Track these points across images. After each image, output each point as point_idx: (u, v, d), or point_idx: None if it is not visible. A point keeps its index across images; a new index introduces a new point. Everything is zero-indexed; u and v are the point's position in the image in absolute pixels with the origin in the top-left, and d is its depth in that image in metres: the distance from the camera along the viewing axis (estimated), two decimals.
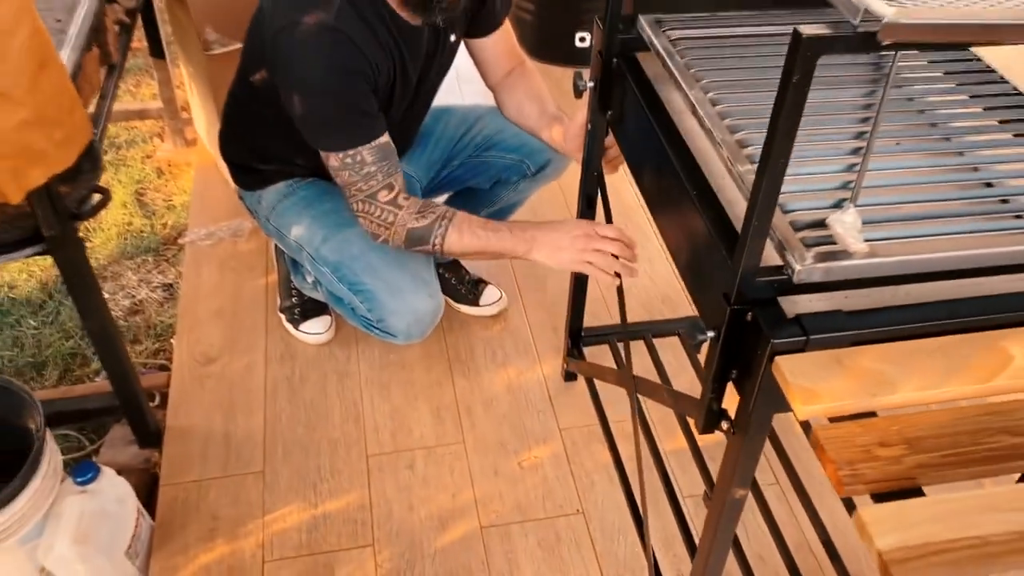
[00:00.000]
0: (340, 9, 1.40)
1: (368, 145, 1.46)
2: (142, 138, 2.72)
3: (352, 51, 1.41)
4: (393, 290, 1.63)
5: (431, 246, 1.52)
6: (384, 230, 1.53)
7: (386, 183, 1.50)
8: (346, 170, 1.48)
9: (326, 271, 1.68)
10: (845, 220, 0.89)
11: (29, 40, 1.17)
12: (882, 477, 0.76)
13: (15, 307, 2.14)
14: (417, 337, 1.70)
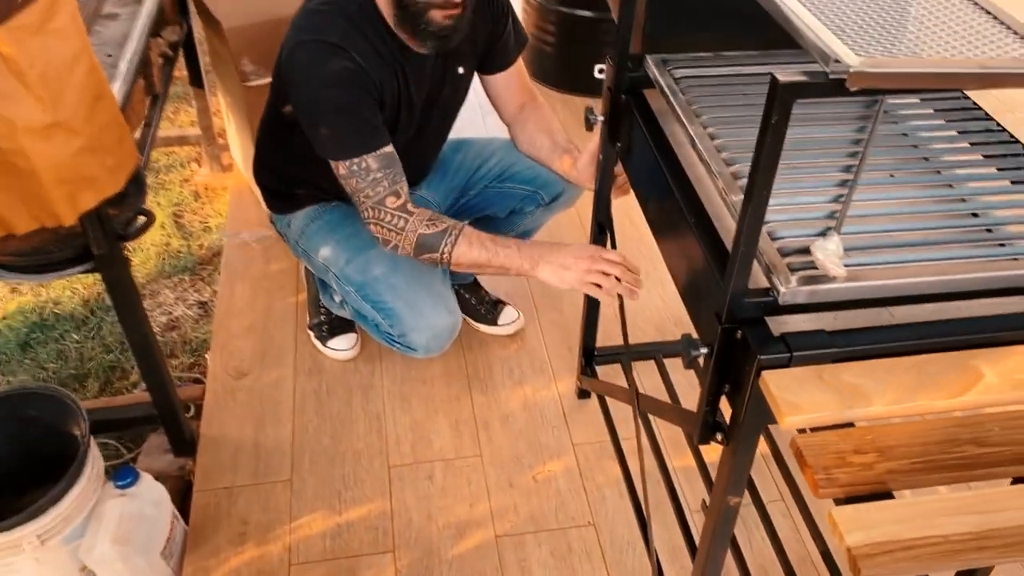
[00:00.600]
0: (343, 30, 1.53)
1: (373, 153, 1.55)
2: (180, 163, 2.86)
3: (354, 65, 1.52)
4: (413, 307, 1.72)
5: (439, 255, 1.59)
6: (395, 235, 1.59)
7: (392, 190, 1.58)
8: (353, 177, 1.57)
9: (351, 290, 1.78)
10: (828, 247, 0.97)
11: (87, 76, 1.29)
12: (855, 481, 0.83)
13: (60, 322, 2.26)
14: (436, 351, 1.78)
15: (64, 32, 1.23)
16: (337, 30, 1.52)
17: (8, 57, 1.18)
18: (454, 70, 1.73)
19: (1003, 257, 1.06)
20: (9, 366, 2.14)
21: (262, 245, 2.39)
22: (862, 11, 0.91)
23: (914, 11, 0.93)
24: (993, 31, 0.89)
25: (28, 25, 1.19)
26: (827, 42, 0.81)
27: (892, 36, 0.86)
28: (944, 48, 0.85)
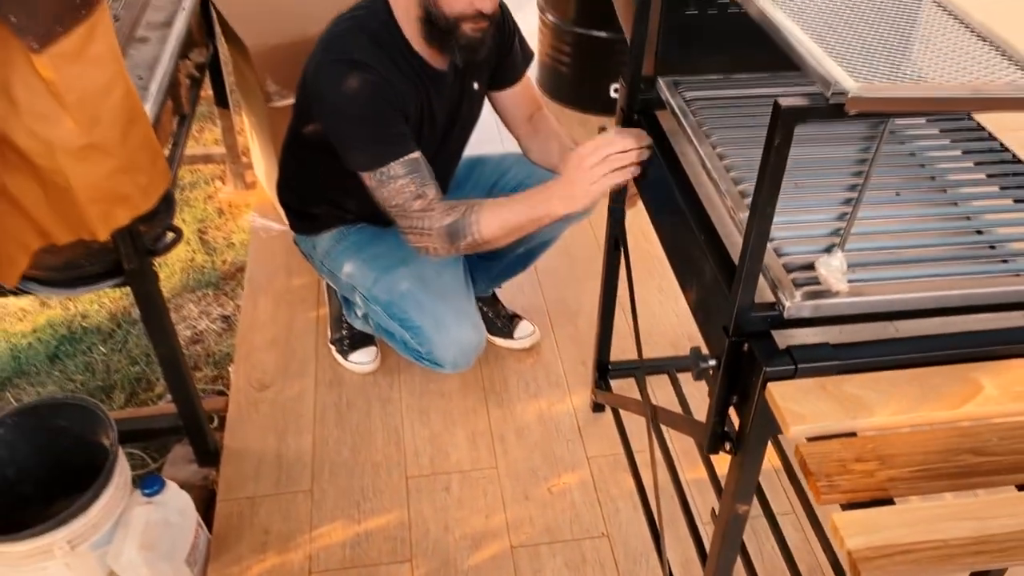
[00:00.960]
0: (366, 48, 1.58)
1: (398, 160, 1.58)
2: (205, 180, 2.93)
3: (378, 79, 1.58)
4: (440, 325, 1.76)
5: (470, 237, 1.57)
6: (425, 238, 1.60)
7: (418, 193, 1.58)
8: (382, 187, 1.60)
9: (378, 309, 1.83)
10: (831, 263, 1.00)
11: (122, 100, 1.35)
12: (856, 488, 0.87)
13: (87, 335, 2.32)
14: (464, 366, 1.82)
15: (101, 58, 1.29)
16: (361, 48, 1.57)
17: (49, 82, 1.24)
18: (470, 86, 1.79)
19: (1005, 273, 1.09)
20: (39, 378, 2.21)
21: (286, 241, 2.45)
22: (863, 37, 0.95)
23: (913, 37, 0.96)
24: (988, 56, 0.92)
25: (68, 52, 1.25)
26: (827, 68, 0.85)
27: (891, 61, 0.90)
28: (941, 73, 0.89)
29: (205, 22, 2.38)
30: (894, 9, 1.02)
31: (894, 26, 0.98)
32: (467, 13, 1.54)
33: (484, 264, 2.07)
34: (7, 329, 2.34)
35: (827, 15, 0.99)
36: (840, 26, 0.97)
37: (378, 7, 1.63)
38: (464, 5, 1.53)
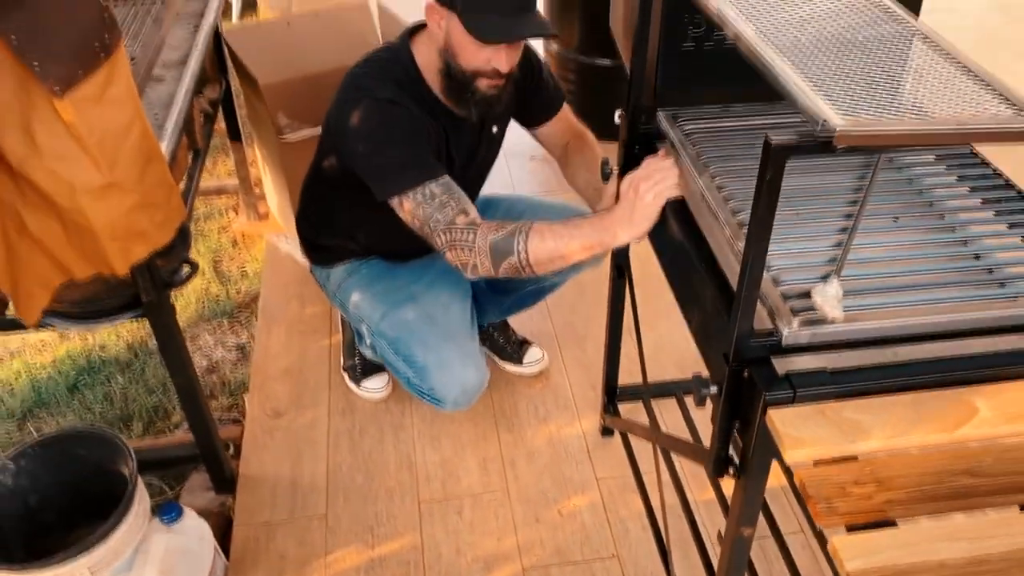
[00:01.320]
0: (393, 89, 1.62)
1: (435, 180, 1.57)
2: (219, 211, 2.98)
3: (409, 113, 1.62)
4: (443, 364, 1.79)
5: (516, 257, 1.51)
6: (470, 253, 1.54)
7: (460, 208, 1.56)
8: (421, 208, 1.56)
9: (383, 343, 1.87)
10: (827, 291, 1.03)
11: (140, 140, 1.40)
12: (854, 510, 0.89)
13: (105, 366, 2.37)
14: (464, 406, 1.84)
15: (120, 101, 1.35)
16: (388, 89, 1.62)
17: (70, 124, 1.29)
18: (489, 131, 1.83)
19: (1003, 297, 1.12)
20: (59, 408, 2.25)
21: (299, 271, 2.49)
22: (852, 72, 0.98)
23: (901, 71, 1.00)
24: (973, 90, 0.96)
25: (88, 96, 1.30)
26: (815, 104, 0.89)
27: (879, 96, 0.93)
28: (927, 107, 0.92)
29: (218, 59, 2.44)
30: (882, 44, 1.05)
31: (882, 61, 1.02)
32: (484, 69, 1.57)
33: (495, 298, 2.11)
34: (28, 361, 2.39)
35: (816, 50, 1.03)
36: (829, 61, 1.00)
37: (402, 53, 1.68)
38: (481, 61, 1.56)
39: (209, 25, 2.22)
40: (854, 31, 1.07)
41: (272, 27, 2.63)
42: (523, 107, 1.87)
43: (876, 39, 1.06)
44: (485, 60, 1.57)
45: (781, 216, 1.20)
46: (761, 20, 1.08)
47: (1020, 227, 1.22)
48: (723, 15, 1.10)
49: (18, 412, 2.24)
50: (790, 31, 1.06)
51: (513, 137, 1.96)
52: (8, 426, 2.20)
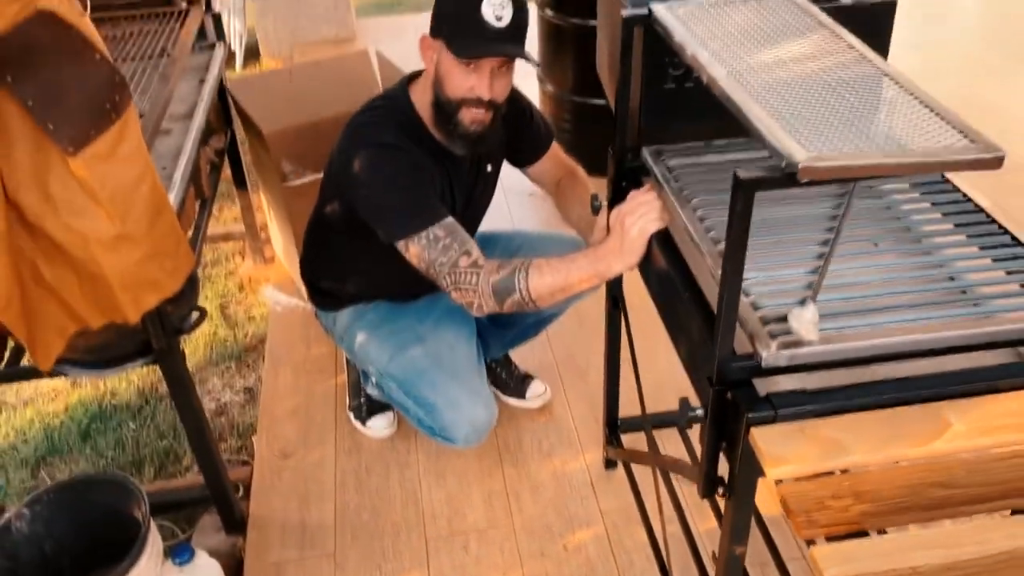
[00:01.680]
0: (396, 134, 1.70)
1: (438, 224, 1.63)
2: (225, 256, 3.06)
3: (411, 157, 1.69)
4: (452, 404, 1.84)
5: (519, 294, 1.58)
6: (473, 294, 1.61)
7: (463, 250, 1.62)
8: (425, 251, 1.63)
9: (392, 385, 1.92)
10: (804, 315, 1.08)
11: (150, 193, 1.46)
12: (832, 523, 0.93)
13: (117, 412, 2.42)
14: (474, 443, 1.89)
15: (131, 157, 1.42)
16: (390, 134, 1.70)
17: (83, 180, 1.36)
18: (485, 169, 1.90)
19: (977, 315, 1.16)
20: (71, 455, 2.30)
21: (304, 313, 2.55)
22: (817, 110, 1.05)
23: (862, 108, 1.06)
24: (932, 123, 1.01)
25: (100, 153, 1.37)
26: (780, 140, 0.95)
27: (842, 132, 0.99)
28: (887, 141, 0.98)
29: (223, 109, 2.53)
30: (848, 84, 1.11)
31: (847, 99, 1.08)
32: (468, 97, 1.65)
33: (498, 332, 2.16)
34: (41, 409, 2.45)
35: (784, 91, 1.09)
36: (796, 101, 1.06)
37: (400, 98, 1.76)
38: (465, 89, 1.64)
39: (214, 78, 2.31)
40: (822, 72, 1.14)
41: (274, 77, 2.73)
42: (514, 147, 1.94)
43: (842, 79, 1.12)
44: (469, 88, 1.65)
45: (762, 243, 1.27)
46: (733, 63, 1.15)
47: (990, 249, 1.28)
48: (697, 59, 1.17)
49: (32, 459, 2.29)
50: (760, 73, 1.13)
51: (512, 174, 2.03)
52: (22, 474, 2.25)
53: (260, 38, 4.52)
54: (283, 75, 2.69)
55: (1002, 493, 0.97)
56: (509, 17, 1.59)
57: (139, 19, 2.27)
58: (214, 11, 2.42)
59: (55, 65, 1.31)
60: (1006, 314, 1.15)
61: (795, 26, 1.26)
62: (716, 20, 1.29)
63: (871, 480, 0.98)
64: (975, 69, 3.98)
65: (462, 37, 1.60)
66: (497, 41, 1.61)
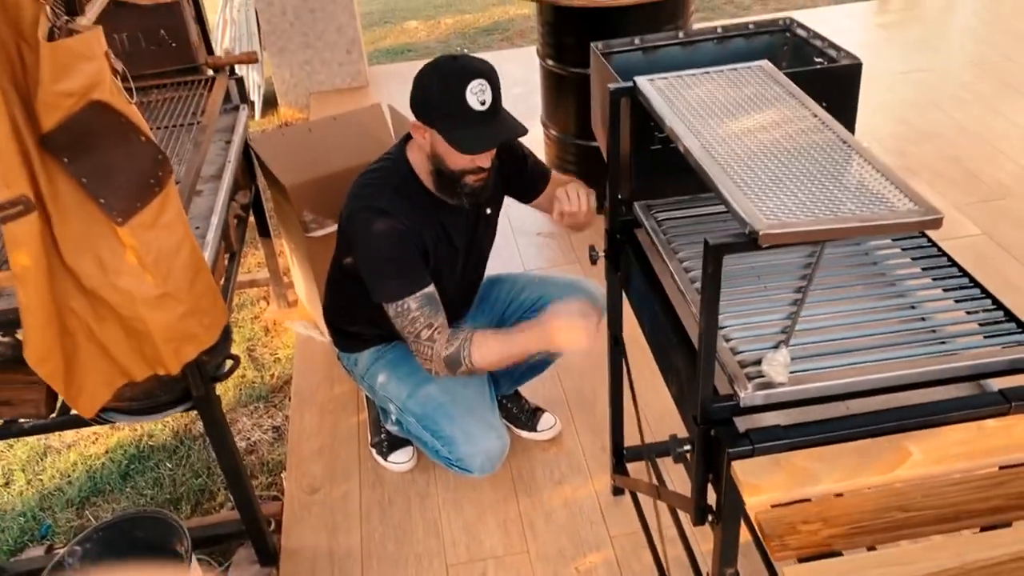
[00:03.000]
0: (390, 198, 1.87)
1: (413, 295, 1.85)
2: (250, 301, 3.21)
3: (400, 224, 1.85)
4: (468, 437, 1.99)
5: (464, 366, 1.85)
6: (427, 363, 1.88)
7: (427, 323, 1.85)
8: (397, 317, 1.87)
9: (412, 420, 2.06)
10: (776, 359, 1.22)
11: (189, 256, 1.62)
12: (803, 545, 1.05)
13: (154, 452, 2.57)
14: (489, 471, 2.03)
15: (172, 224, 1.57)
16: (385, 198, 1.86)
17: (131, 247, 1.52)
18: (484, 213, 2.05)
19: (943, 353, 1.29)
20: (113, 495, 2.45)
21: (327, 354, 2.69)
22: (780, 177, 1.18)
23: (822, 175, 1.20)
24: (882, 187, 1.15)
25: (145, 222, 1.53)
26: (744, 209, 1.09)
27: (801, 198, 1.13)
28: (842, 206, 1.12)
29: (247, 166, 2.70)
30: (810, 151, 1.25)
31: (809, 166, 1.21)
32: (469, 168, 1.81)
33: (507, 370, 2.30)
34: (83, 452, 2.60)
35: (751, 159, 1.23)
36: (761, 169, 1.20)
37: (399, 159, 1.92)
38: (466, 163, 1.80)
39: (239, 137, 2.48)
40: (785, 140, 1.28)
41: (294, 132, 2.89)
42: (514, 186, 2.10)
43: (804, 146, 1.26)
44: (469, 161, 1.81)
45: (743, 290, 1.40)
46: (705, 134, 1.29)
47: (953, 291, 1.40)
48: (674, 131, 1.31)
49: (76, 500, 2.44)
50: (729, 143, 1.27)
51: (520, 215, 2.18)
52: (68, 513, 2.40)
53: (277, 88, 4.72)
54: (302, 130, 2.86)
55: (955, 515, 1.09)
56: (490, 98, 1.75)
57: (169, 87, 2.44)
58: (237, 76, 2.59)
59: (106, 147, 1.47)
60: (966, 351, 1.27)
61: (764, 96, 1.40)
62: (693, 91, 1.43)
63: (838, 506, 1.10)
64: (966, 96, 4.11)
65: (456, 129, 1.76)
66: (486, 123, 1.76)
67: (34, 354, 1.47)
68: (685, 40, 1.82)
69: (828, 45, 1.72)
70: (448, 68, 1.76)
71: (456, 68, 1.76)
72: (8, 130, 1.32)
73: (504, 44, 5.55)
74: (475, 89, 1.71)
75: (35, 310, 1.43)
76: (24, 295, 1.42)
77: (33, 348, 1.46)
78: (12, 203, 1.35)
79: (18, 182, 1.35)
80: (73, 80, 1.37)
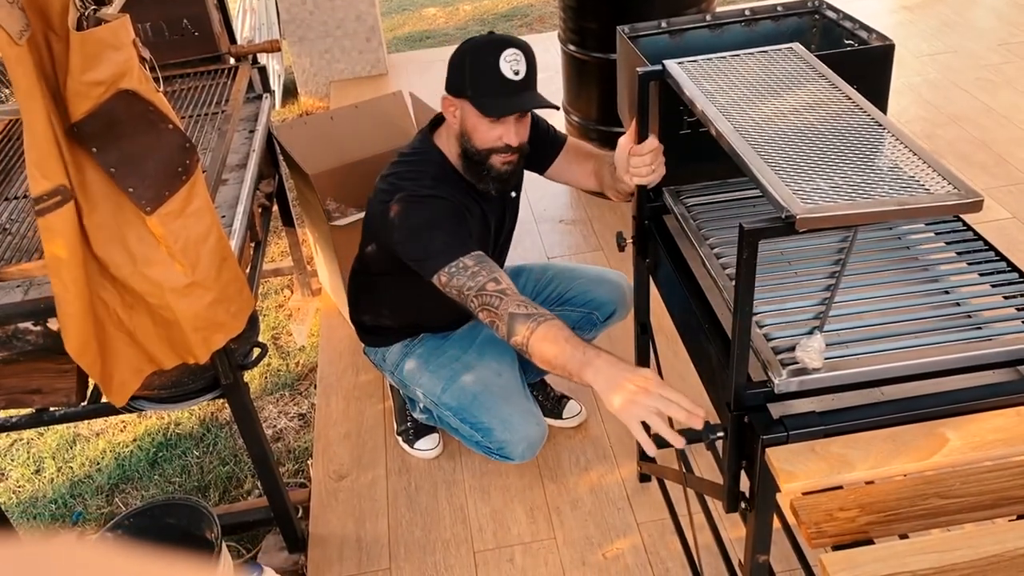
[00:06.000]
0: (430, 184, 1.85)
1: (467, 255, 1.72)
2: (275, 290, 3.23)
3: (446, 201, 1.82)
4: (507, 425, 1.98)
5: (522, 338, 1.58)
6: (494, 314, 1.64)
7: (492, 277, 1.69)
8: (455, 279, 1.70)
9: (448, 414, 2.06)
10: (810, 345, 1.20)
11: (216, 244, 1.62)
12: (840, 532, 1.05)
13: (181, 441, 2.59)
14: (531, 457, 2.03)
15: (199, 213, 1.58)
16: (426, 185, 1.85)
17: (159, 236, 1.52)
18: (510, 197, 2.05)
19: (980, 339, 1.27)
20: (141, 482, 2.47)
21: (352, 341, 2.70)
22: (815, 161, 1.17)
23: (858, 158, 1.18)
24: (918, 169, 1.13)
25: (173, 211, 1.53)
26: (780, 193, 1.07)
27: (837, 181, 1.11)
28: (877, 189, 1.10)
29: (271, 155, 2.70)
30: (844, 134, 1.24)
31: (843, 149, 1.20)
32: (497, 146, 1.80)
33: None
34: (112, 440, 2.63)
35: (786, 142, 1.21)
36: (796, 152, 1.19)
37: (430, 150, 1.91)
38: (493, 139, 1.79)
39: (263, 127, 2.47)
40: (820, 123, 1.26)
41: (317, 121, 2.89)
42: (528, 157, 2.00)
43: (839, 129, 1.24)
44: (497, 137, 1.80)
45: (776, 276, 1.39)
46: (738, 117, 1.27)
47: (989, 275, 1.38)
48: (706, 114, 1.30)
49: (106, 487, 2.46)
50: (763, 126, 1.25)
51: (542, 202, 2.17)
52: (98, 500, 2.42)
53: (297, 77, 4.72)
54: (324, 119, 2.86)
55: (993, 502, 1.08)
56: (524, 70, 1.74)
57: (192, 76, 2.44)
58: (260, 64, 2.59)
59: (134, 136, 1.47)
60: (1003, 336, 1.25)
61: (796, 78, 1.38)
62: (723, 74, 1.41)
63: (874, 493, 1.09)
64: (993, 78, 4.04)
65: (486, 96, 1.75)
66: (517, 94, 1.75)
67: (75, 345, 1.48)
68: (713, 23, 1.80)
69: (859, 26, 1.69)
70: (484, 39, 1.79)
71: (493, 39, 1.78)
72: (45, 118, 1.32)
73: (524, 30, 5.52)
74: (509, 57, 1.72)
75: (73, 300, 1.44)
76: (61, 286, 1.43)
77: (73, 339, 1.47)
78: (50, 194, 1.36)
79: (56, 172, 1.36)
80: (102, 69, 1.37)
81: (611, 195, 1.95)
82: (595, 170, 2.02)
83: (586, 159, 2.06)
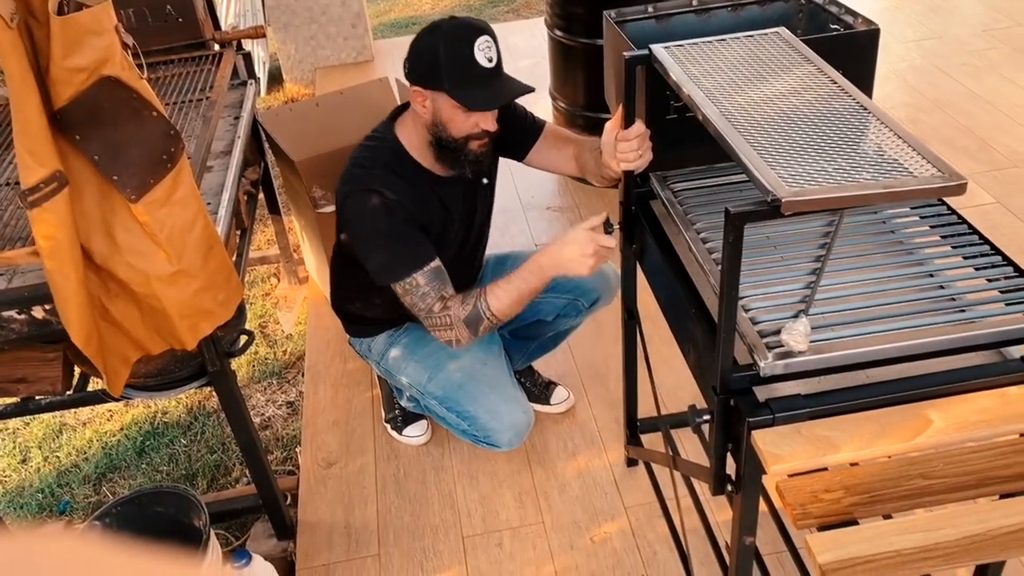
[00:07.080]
0: (381, 177, 1.84)
1: (420, 271, 1.81)
2: (261, 278, 3.22)
3: (392, 202, 1.82)
4: (494, 413, 1.99)
5: (486, 320, 1.79)
6: (449, 331, 1.82)
7: (438, 296, 1.81)
8: (407, 295, 1.83)
9: (435, 403, 2.06)
10: (796, 328, 1.21)
11: (202, 232, 1.61)
12: (825, 513, 1.06)
13: (168, 429, 2.59)
14: (517, 444, 2.03)
15: (185, 201, 1.57)
16: (376, 178, 1.83)
17: (144, 224, 1.51)
18: (480, 184, 2.03)
19: (963, 321, 1.28)
20: (129, 471, 2.46)
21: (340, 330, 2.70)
22: (801, 145, 1.17)
23: (843, 141, 1.18)
24: (902, 153, 1.14)
25: (158, 199, 1.52)
26: (765, 177, 1.08)
27: (822, 165, 1.12)
28: (862, 172, 1.11)
29: (256, 142, 2.68)
30: (830, 118, 1.24)
31: (828, 133, 1.20)
32: (473, 132, 1.79)
33: (520, 344, 2.30)
34: (98, 429, 2.62)
35: (771, 127, 1.22)
36: (781, 136, 1.19)
37: (387, 137, 1.90)
38: (470, 126, 1.78)
39: (248, 113, 2.46)
40: (805, 107, 1.26)
41: (302, 108, 2.87)
42: (506, 144, 2.02)
43: (824, 113, 1.25)
44: (473, 124, 1.78)
45: (762, 260, 1.40)
46: (724, 102, 1.28)
47: (972, 258, 1.39)
48: (692, 99, 1.30)
49: (93, 476, 2.46)
50: (749, 110, 1.26)
51: (530, 190, 2.16)
52: (85, 489, 2.42)
53: (282, 63, 4.68)
54: (310, 105, 2.84)
55: (977, 482, 1.09)
56: (496, 56, 1.72)
57: (176, 63, 2.42)
58: (244, 51, 2.57)
59: (118, 124, 1.46)
60: (987, 319, 1.27)
61: (782, 63, 1.38)
62: (710, 59, 1.41)
63: (859, 474, 1.10)
64: (978, 64, 4.06)
65: (465, 88, 1.73)
66: (493, 82, 1.74)
67: (80, 335, 1.47)
68: (699, 8, 1.80)
69: (844, 11, 1.70)
70: (451, 28, 1.74)
71: (461, 27, 1.73)
72: (38, 103, 1.31)
73: (510, 15, 5.50)
74: (482, 46, 1.70)
75: (77, 289, 1.44)
76: (62, 277, 1.42)
77: (78, 329, 1.47)
78: (47, 181, 1.35)
79: (51, 158, 1.35)
80: (84, 55, 1.36)
81: (593, 180, 1.95)
82: (575, 155, 2.01)
83: (565, 144, 2.05)
